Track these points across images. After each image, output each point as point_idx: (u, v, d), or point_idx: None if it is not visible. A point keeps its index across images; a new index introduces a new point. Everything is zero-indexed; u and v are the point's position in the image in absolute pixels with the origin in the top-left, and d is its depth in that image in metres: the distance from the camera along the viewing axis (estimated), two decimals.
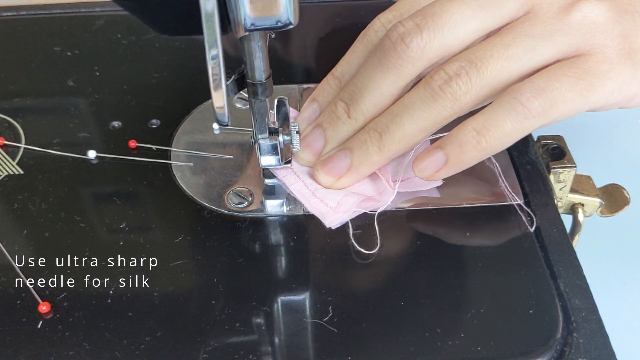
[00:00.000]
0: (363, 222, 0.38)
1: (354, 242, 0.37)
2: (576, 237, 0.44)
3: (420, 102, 0.36)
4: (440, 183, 0.40)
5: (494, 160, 0.41)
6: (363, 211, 0.38)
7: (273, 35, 0.34)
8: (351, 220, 0.38)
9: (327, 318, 0.34)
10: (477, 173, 0.41)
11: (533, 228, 0.38)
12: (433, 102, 0.35)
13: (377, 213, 0.38)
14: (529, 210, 0.39)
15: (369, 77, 0.37)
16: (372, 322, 0.34)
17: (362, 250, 0.36)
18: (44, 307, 0.34)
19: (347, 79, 0.40)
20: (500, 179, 0.40)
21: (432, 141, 0.38)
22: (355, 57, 0.40)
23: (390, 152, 0.37)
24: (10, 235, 0.38)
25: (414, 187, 0.40)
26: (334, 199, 0.38)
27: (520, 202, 0.39)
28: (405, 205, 0.39)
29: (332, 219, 0.38)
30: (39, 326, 0.34)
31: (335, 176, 0.39)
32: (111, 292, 0.35)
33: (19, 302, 0.35)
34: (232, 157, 0.42)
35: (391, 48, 0.36)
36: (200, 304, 0.34)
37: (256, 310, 0.34)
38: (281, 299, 0.35)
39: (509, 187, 0.40)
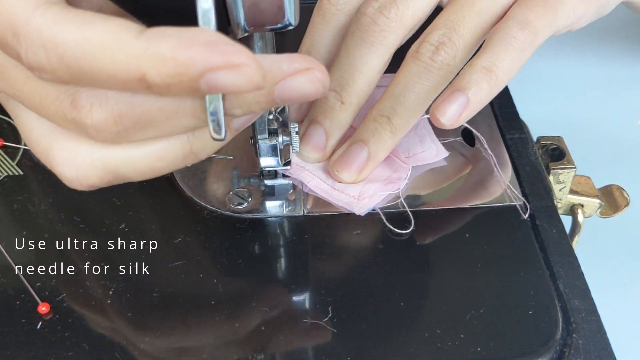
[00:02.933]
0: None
1: (389, 225, 0.38)
2: (576, 238, 0.44)
3: (416, 76, 0.37)
4: (446, 154, 0.42)
5: (494, 160, 0.41)
6: (387, 194, 0.39)
7: None
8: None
9: (326, 318, 0.34)
10: (477, 174, 0.41)
11: (527, 216, 0.38)
12: (428, 73, 0.37)
13: (400, 191, 0.39)
14: (527, 210, 0.39)
15: (354, 57, 0.38)
16: (372, 323, 0.34)
17: (398, 230, 0.37)
18: (43, 308, 0.34)
19: (315, 54, 0.40)
20: (499, 179, 0.40)
21: None
22: (316, 30, 0.40)
23: (402, 131, 0.39)
24: (10, 235, 0.38)
25: (422, 160, 0.41)
26: (355, 188, 0.39)
27: (520, 203, 0.39)
28: (406, 205, 0.39)
29: (360, 207, 0.38)
30: (38, 327, 0.34)
31: (357, 171, 0.39)
32: (111, 292, 0.35)
33: (18, 302, 0.35)
34: (232, 157, 0.42)
35: (371, 23, 0.37)
36: (200, 305, 0.34)
37: (256, 310, 0.34)
38: (281, 299, 0.35)
39: (509, 188, 0.40)
